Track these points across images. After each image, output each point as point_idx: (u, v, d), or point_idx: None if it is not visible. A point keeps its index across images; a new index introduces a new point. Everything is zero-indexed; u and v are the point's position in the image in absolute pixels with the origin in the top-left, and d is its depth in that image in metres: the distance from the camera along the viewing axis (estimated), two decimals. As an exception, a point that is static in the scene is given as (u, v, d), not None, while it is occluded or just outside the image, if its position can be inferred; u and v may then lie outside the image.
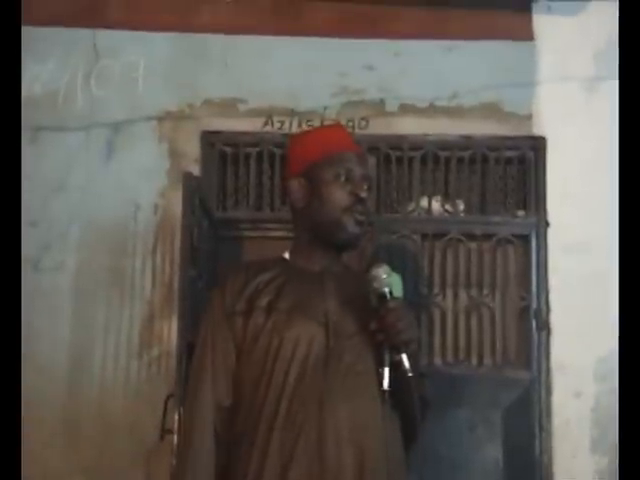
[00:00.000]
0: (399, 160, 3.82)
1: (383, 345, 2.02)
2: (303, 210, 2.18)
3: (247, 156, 3.83)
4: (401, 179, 3.81)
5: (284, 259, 2.23)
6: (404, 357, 1.98)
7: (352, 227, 2.15)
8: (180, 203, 3.28)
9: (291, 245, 2.24)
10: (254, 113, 3.80)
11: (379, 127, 3.77)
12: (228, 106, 3.82)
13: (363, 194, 2.14)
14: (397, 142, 3.80)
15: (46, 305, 3.59)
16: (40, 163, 3.69)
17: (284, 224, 3.48)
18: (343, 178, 2.15)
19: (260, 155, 3.83)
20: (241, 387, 2.09)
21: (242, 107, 3.82)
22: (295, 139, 2.32)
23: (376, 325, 2.02)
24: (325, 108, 3.79)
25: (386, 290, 2.02)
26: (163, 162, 3.78)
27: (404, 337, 2.00)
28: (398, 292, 2.18)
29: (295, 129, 3.76)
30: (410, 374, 1.97)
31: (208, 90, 3.84)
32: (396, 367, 2.00)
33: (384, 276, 2.03)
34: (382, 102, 3.83)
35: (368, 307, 2.05)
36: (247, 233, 3.77)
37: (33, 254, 3.62)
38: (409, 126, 3.79)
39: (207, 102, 3.83)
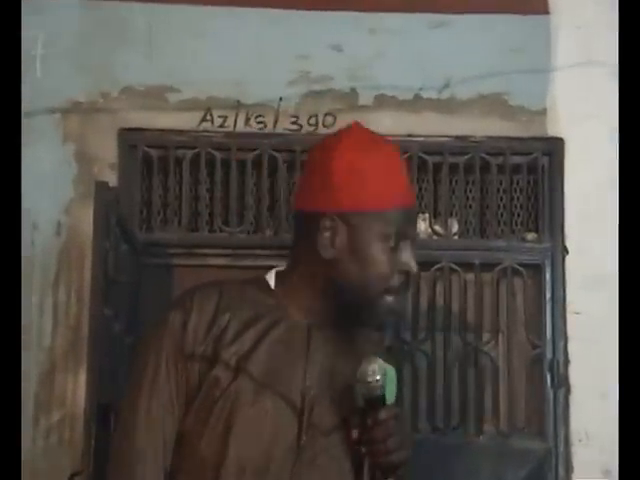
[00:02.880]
0: (375, 167, 3.83)
1: (365, 459, 1.97)
2: (326, 261, 2.05)
3: (179, 161, 3.77)
4: (378, 192, 3.83)
5: (268, 287, 2.12)
6: None
7: (386, 310, 2.06)
8: (91, 222, 3.26)
9: (282, 272, 2.12)
10: (188, 106, 3.77)
11: (350, 125, 3.85)
12: (154, 96, 3.79)
13: (414, 270, 2.06)
14: (372, 144, 3.86)
15: None
16: None
17: (226, 249, 3.65)
18: (392, 243, 2.04)
19: (196, 160, 3.76)
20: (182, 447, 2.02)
21: (172, 98, 3.78)
22: (346, 150, 2.09)
23: (359, 436, 1.96)
24: (280, 100, 3.74)
25: (380, 394, 1.94)
26: (68, 168, 3.74)
27: (394, 459, 1.92)
28: (392, 396, 2.03)
29: (241, 127, 3.74)
30: None
31: (128, 75, 3.80)
32: None
33: (377, 378, 1.92)
34: (353, 93, 3.80)
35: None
36: (179, 261, 3.74)
37: None
38: (388, 123, 3.71)
39: (126, 91, 3.80)
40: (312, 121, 3.74)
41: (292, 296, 2.11)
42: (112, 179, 3.60)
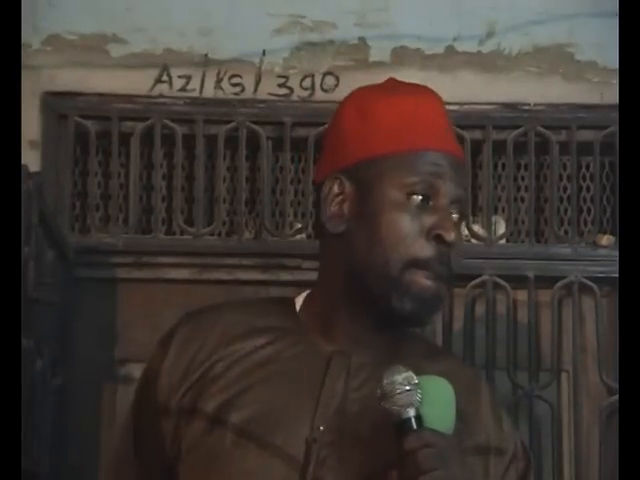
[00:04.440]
0: (395, 144, 3.56)
1: None
2: (338, 239, 1.93)
3: (125, 137, 3.47)
4: (399, 178, 3.55)
5: (292, 309, 2.01)
6: None
7: (418, 290, 1.84)
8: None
9: (312, 289, 2.05)
10: (138, 62, 3.49)
11: (359, 89, 3.57)
12: (91, 48, 3.52)
13: (450, 237, 1.84)
14: (391, 115, 3.56)
15: None
16: None
17: (190, 257, 3.46)
18: (419, 198, 1.87)
19: (148, 135, 3.45)
20: None
21: (116, 51, 3.51)
22: (358, 97, 1.99)
23: None
24: (263, 54, 3.45)
25: (409, 414, 1.71)
26: (-25, 146, 3.50)
27: None
28: (437, 419, 1.75)
29: (210, 91, 3.43)
30: None
31: (55, 20, 3.51)
32: None
33: (403, 389, 1.71)
34: (363, 44, 3.53)
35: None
36: (125, 273, 3.46)
37: None
38: (411, 87, 3.50)
39: (53, 41, 3.52)
40: (307, 83, 3.42)
41: (316, 318, 1.96)
42: (34, 161, 3.28)
